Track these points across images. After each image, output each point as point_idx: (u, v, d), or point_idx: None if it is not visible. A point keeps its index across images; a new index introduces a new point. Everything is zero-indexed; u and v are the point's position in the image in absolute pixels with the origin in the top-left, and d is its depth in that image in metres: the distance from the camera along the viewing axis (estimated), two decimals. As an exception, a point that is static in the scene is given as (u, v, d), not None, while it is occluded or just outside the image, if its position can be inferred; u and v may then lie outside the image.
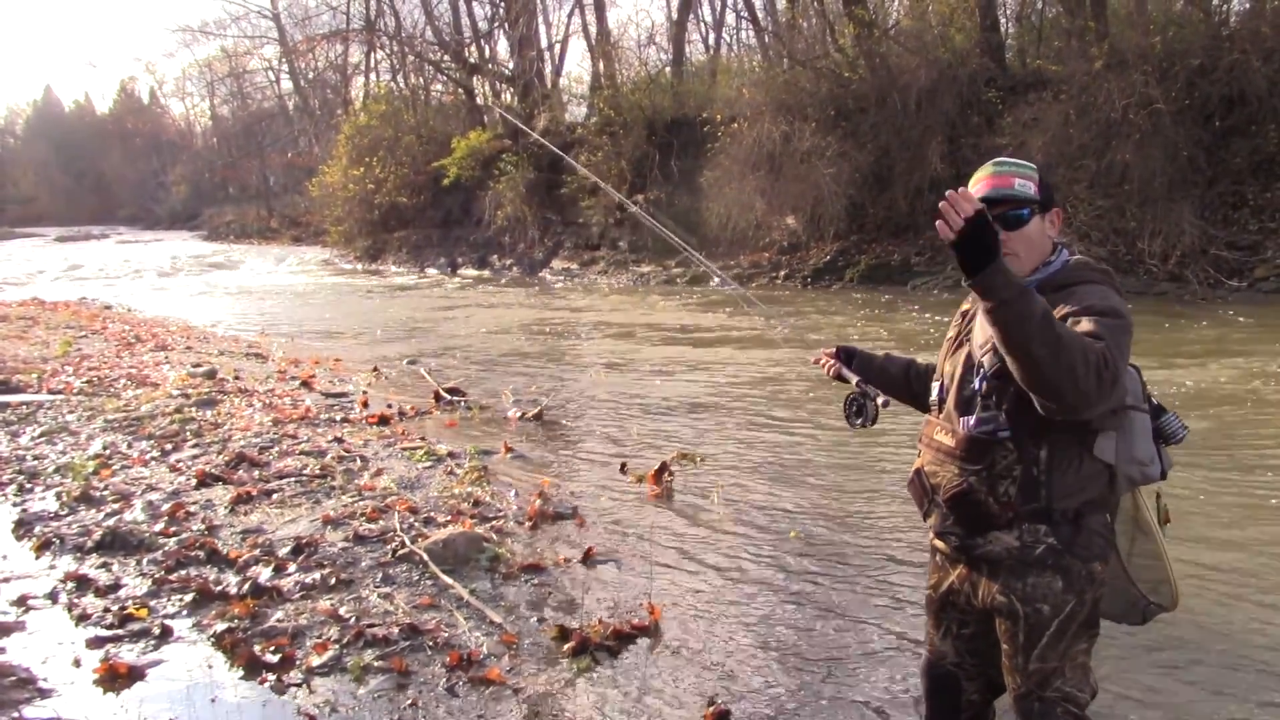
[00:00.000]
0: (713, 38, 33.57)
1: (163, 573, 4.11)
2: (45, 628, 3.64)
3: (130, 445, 6.42)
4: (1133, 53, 15.79)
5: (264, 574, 4.08)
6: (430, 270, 27.50)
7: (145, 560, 4.28)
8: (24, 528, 4.77)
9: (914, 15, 20.74)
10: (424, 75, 37.47)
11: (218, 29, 46.79)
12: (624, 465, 6.11)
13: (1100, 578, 2.13)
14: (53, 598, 3.91)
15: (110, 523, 4.73)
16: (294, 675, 3.25)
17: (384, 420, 7.41)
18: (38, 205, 73.49)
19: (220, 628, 3.57)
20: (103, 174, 73.58)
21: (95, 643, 3.49)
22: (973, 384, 2.16)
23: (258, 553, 4.34)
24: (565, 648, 3.46)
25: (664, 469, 5.75)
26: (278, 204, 50.08)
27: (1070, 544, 2.07)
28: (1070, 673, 2.12)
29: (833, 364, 2.34)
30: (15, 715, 2.96)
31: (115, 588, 3.99)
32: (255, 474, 5.71)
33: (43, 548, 4.48)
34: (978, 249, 1.82)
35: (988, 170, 2.21)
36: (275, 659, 3.32)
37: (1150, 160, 14.99)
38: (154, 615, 3.71)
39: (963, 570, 2.23)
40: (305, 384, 9.12)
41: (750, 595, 4.10)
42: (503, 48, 33.77)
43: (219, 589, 3.94)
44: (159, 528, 4.68)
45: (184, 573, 4.13)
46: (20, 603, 3.83)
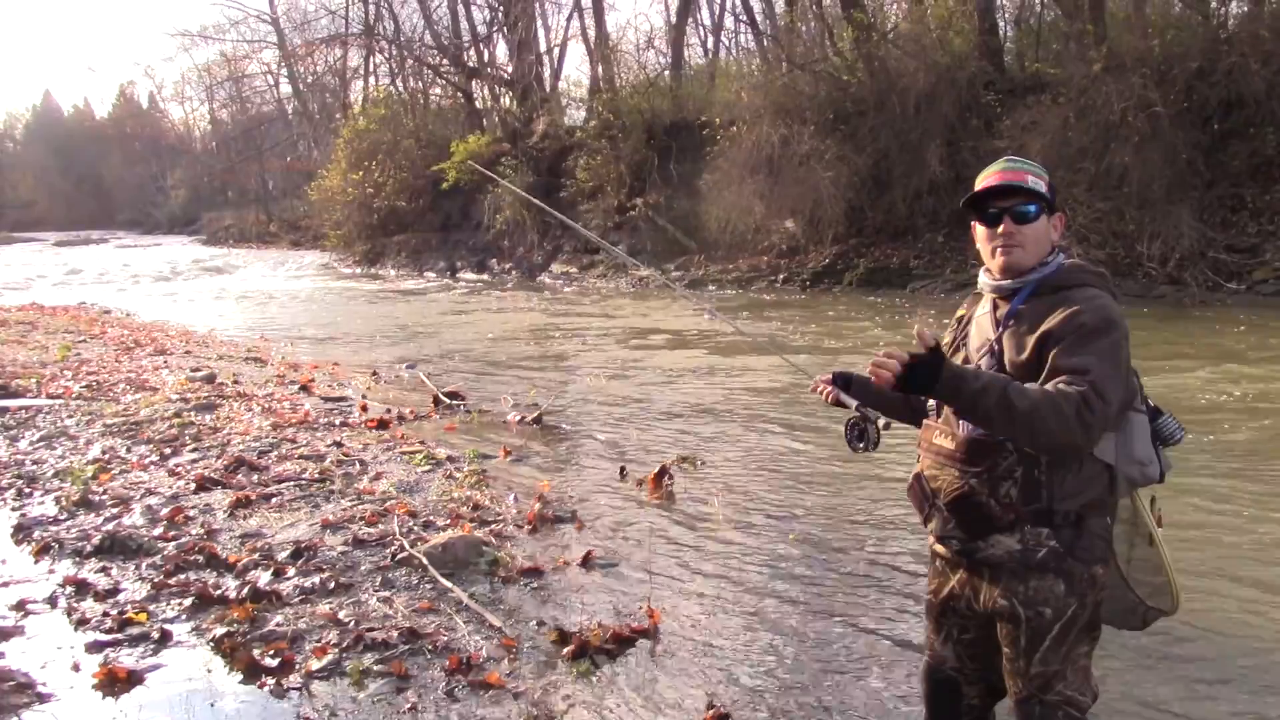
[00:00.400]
0: (711, 41, 33.73)
1: (162, 577, 4.10)
2: (44, 632, 3.63)
3: (129, 450, 6.42)
4: (1131, 56, 15.81)
5: (263, 578, 4.07)
6: (429, 274, 27.50)
7: (144, 565, 4.27)
8: (23, 532, 4.75)
9: (913, 19, 20.76)
10: (423, 79, 37.52)
11: (217, 33, 46.70)
12: (623, 469, 6.11)
13: (1102, 581, 2.13)
14: (52, 602, 3.90)
15: (109, 527, 4.72)
16: (293, 679, 3.24)
17: (383, 424, 7.40)
18: (37, 210, 73.62)
19: (219, 632, 3.56)
20: (102, 178, 73.66)
21: (94, 647, 3.48)
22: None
23: (257, 557, 4.33)
24: (565, 651, 3.45)
25: (663, 472, 5.74)
26: (277, 208, 50.08)
27: (1072, 547, 2.07)
28: (1072, 676, 2.12)
29: (830, 390, 2.32)
30: (14, 720, 2.95)
31: (114, 592, 3.98)
32: (254, 478, 5.71)
33: (42, 552, 4.47)
34: (921, 383, 1.96)
35: (1000, 165, 2.24)
36: (274, 663, 3.31)
37: (1149, 163, 15.00)
38: (153, 620, 3.70)
39: (963, 575, 2.23)
40: (304, 388, 9.11)
41: (750, 599, 4.10)
42: (501, 51, 33.89)
43: (218, 593, 3.93)
44: (158, 532, 4.67)
45: (183, 577, 4.12)
46: (19, 607, 3.82)
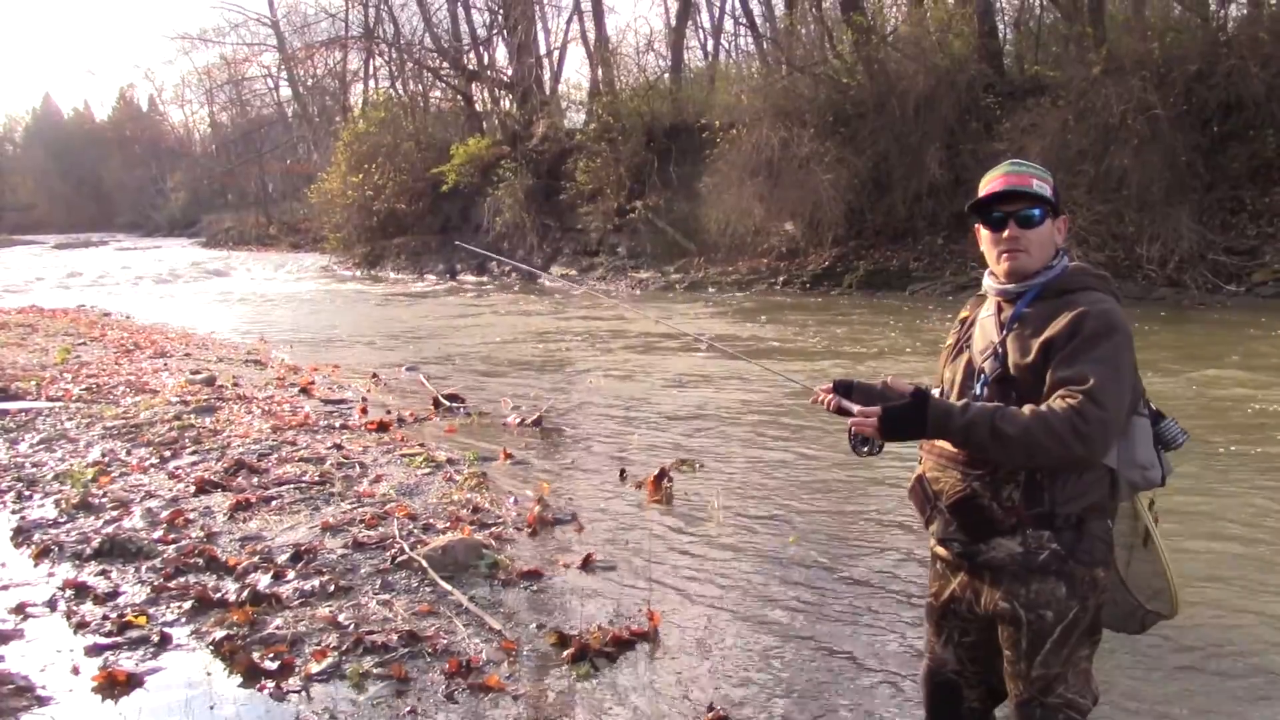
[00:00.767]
0: (711, 44, 33.67)
1: (161, 580, 4.10)
2: (44, 635, 3.63)
3: (129, 452, 6.41)
4: (1131, 58, 15.83)
5: (263, 581, 4.06)
6: (429, 276, 27.49)
7: (144, 567, 4.27)
8: (23, 535, 4.75)
9: (912, 21, 20.78)
10: (423, 82, 37.45)
11: (217, 36, 46.64)
12: (623, 472, 6.10)
13: (1103, 583, 2.13)
14: (51, 605, 3.90)
15: (109, 530, 4.72)
16: (293, 682, 3.24)
17: (383, 427, 7.40)
18: (36, 212, 73.54)
19: (219, 635, 3.56)
20: (101, 181, 73.59)
21: (94, 650, 3.47)
22: (974, 389, 2.18)
23: (257, 560, 4.33)
24: (564, 654, 3.45)
25: (663, 475, 5.73)
26: (276, 211, 50.01)
27: (1074, 550, 2.07)
28: (1073, 679, 2.12)
29: (832, 399, 2.31)
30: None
31: (114, 595, 3.98)
32: (254, 481, 5.70)
33: (41, 555, 4.47)
34: (906, 431, 2.06)
35: (1004, 169, 2.24)
36: (274, 666, 3.31)
37: (1148, 165, 15.01)
38: (153, 623, 3.70)
39: (964, 578, 2.23)
40: (304, 390, 9.11)
41: (750, 601, 4.10)
42: (501, 54, 33.87)
43: (218, 596, 3.93)
44: (158, 535, 4.67)
45: (183, 580, 4.12)
46: (19, 610, 3.82)
